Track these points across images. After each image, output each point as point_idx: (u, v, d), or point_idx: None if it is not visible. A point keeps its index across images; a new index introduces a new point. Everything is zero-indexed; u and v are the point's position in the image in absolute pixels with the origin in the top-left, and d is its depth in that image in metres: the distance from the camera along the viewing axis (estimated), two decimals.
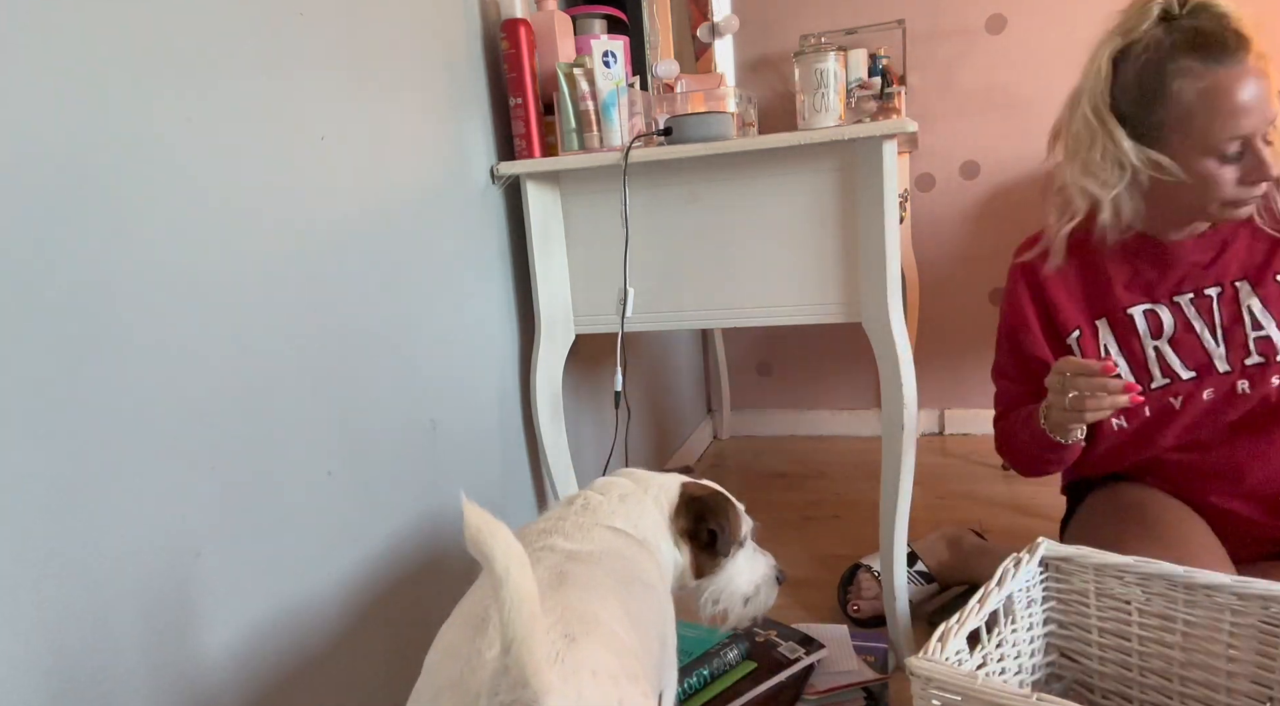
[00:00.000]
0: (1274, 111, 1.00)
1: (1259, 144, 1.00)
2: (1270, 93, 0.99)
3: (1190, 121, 1.02)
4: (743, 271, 1.32)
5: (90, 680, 0.68)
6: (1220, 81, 0.99)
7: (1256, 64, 0.99)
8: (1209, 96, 1.00)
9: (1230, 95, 0.99)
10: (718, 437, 2.78)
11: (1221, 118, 0.99)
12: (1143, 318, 1.15)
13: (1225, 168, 1.02)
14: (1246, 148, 1.01)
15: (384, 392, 1.06)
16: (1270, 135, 1.01)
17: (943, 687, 0.81)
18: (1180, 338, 1.13)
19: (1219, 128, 1.00)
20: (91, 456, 0.68)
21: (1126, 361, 1.16)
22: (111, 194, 0.71)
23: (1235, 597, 0.93)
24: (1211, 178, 1.03)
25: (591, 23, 1.52)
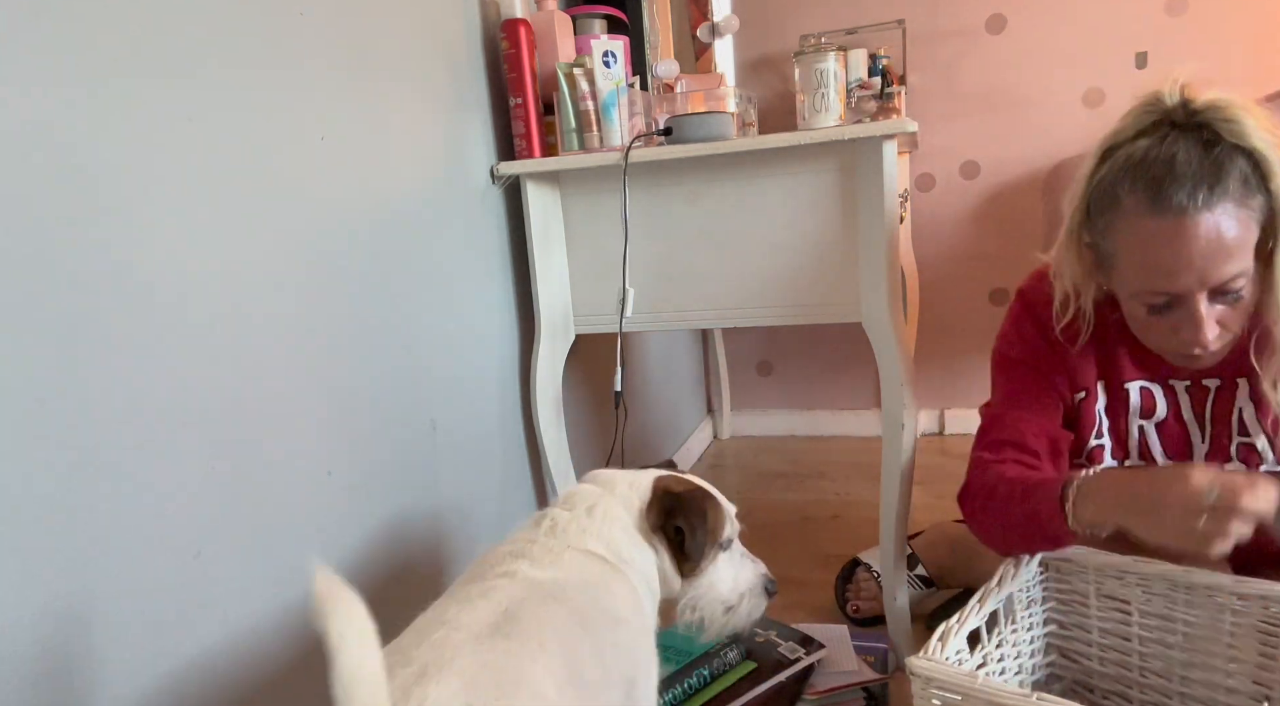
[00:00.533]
0: (1224, 272, 0.85)
1: (1195, 304, 0.87)
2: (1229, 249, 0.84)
3: (1120, 259, 0.92)
4: (743, 271, 1.32)
5: (90, 680, 0.68)
6: (1153, 231, 0.86)
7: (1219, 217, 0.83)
8: (1137, 243, 0.89)
9: (1158, 249, 0.86)
10: (718, 437, 2.78)
11: (1145, 270, 0.89)
12: (1138, 394, 1.06)
13: (1158, 320, 0.92)
14: (1178, 304, 0.89)
15: (384, 392, 1.06)
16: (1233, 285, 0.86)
17: (943, 687, 0.81)
18: (1169, 425, 1.05)
19: (1141, 278, 0.90)
20: (91, 456, 0.68)
21: (1110, 434, 1.08)
22: (111, 194, 0.71)
23: (1235, 598, 0.93)
24: (1143, 323, 0.95)
25: (591, 23, 1.52)
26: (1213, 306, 0.88)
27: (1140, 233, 0.88)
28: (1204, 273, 0.85)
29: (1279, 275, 0.87)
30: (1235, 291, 0.87)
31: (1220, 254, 0.84)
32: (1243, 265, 0.86)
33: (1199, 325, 0.88)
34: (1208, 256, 0.84)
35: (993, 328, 2.57)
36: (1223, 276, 0.85)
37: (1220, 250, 0.84)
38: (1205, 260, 0.85)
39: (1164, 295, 0.89)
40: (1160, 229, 0.86)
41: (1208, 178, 0.84)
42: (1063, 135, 2.30)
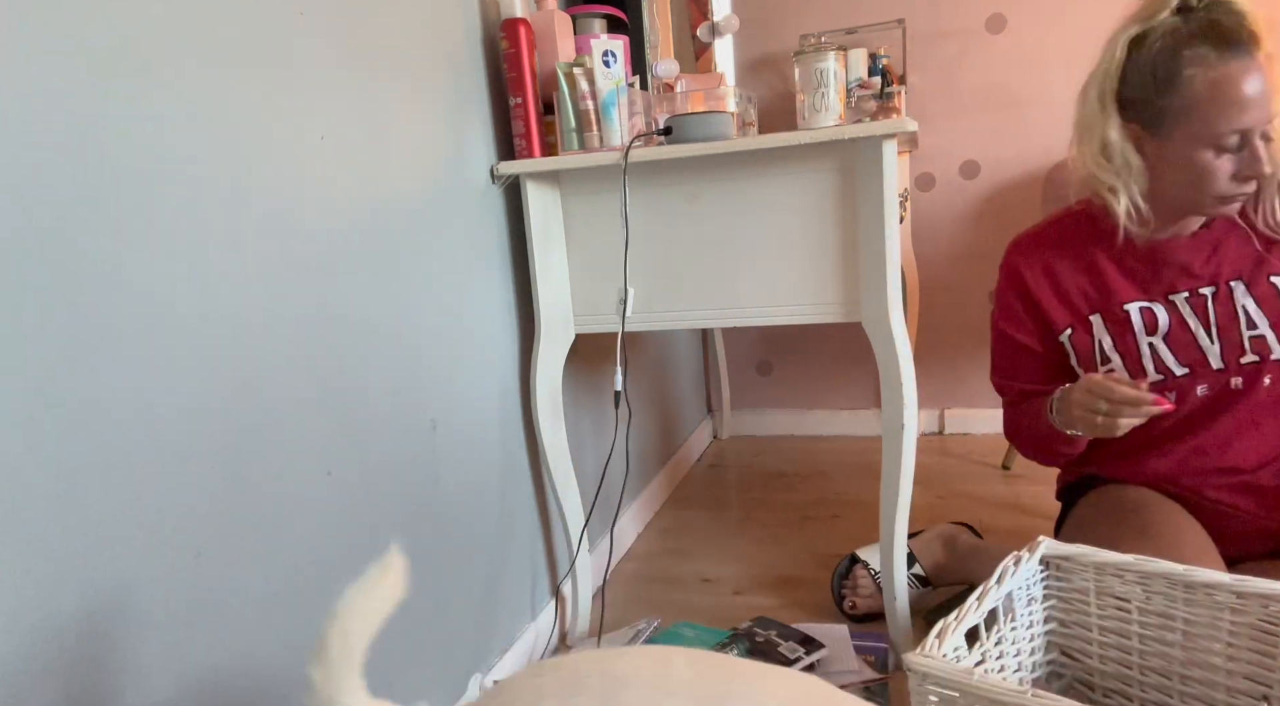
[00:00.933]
0: (1275, 110, 1.01)
1: (1257, 140, 1.02)
2: (1273, 91, 1.01)
3: (1195, 110, 1.03)
4: (743, 271, 1.32)
5: (90, 680, 0.68)
6: (1231, 73, 1.00)
7: (1265, 62, 1.01)
8: (1218, 86, 1.01)
9: (1238, 87, 1.00)
10: (718, 437, 2.78)
11: (1227, 108, 1.01)
12: (1139, 314, 1.16)
13: (1222, 160, 1.04)
14: (1245, 142, 1.03)
15: (384, 392, 1.06)
16: (1270, 133, 1.02)
17: (939, 684, 0.81)
18: (1175, 334, 1.14)
19: (1223, 118, 1.02)
20: (91, 456, 0.68)
21: (1121, 357, 1.17)
22: (111, 193, 0.71)
23: (1235, 596, 0.94)
24: (1208, 169, 1.05)
25: (591, 22, 1.52)
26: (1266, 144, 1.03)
27: (1222, 78, 1.01)
28: (1266, 107, 1.01)
29: None
30: (1270, 134, 1.03)
31: (1275, 93, 1.01)
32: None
33: (1260, 158, 1.03)
34: (1268, 94, 1.01)
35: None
36: (1274, 113, 1.02)
37: (1272, 89, 1.01)
38: (1266, 98, 1.01)
39: (1238, 133, 1.02)
40: (1239, 69, 1.00)
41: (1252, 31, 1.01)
42: (1063, 135, 2.29)
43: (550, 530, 1.54)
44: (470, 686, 1.22)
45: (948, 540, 1.52)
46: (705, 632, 1.32)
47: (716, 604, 1.61)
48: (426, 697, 1.12)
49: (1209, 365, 1.12)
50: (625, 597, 1.68)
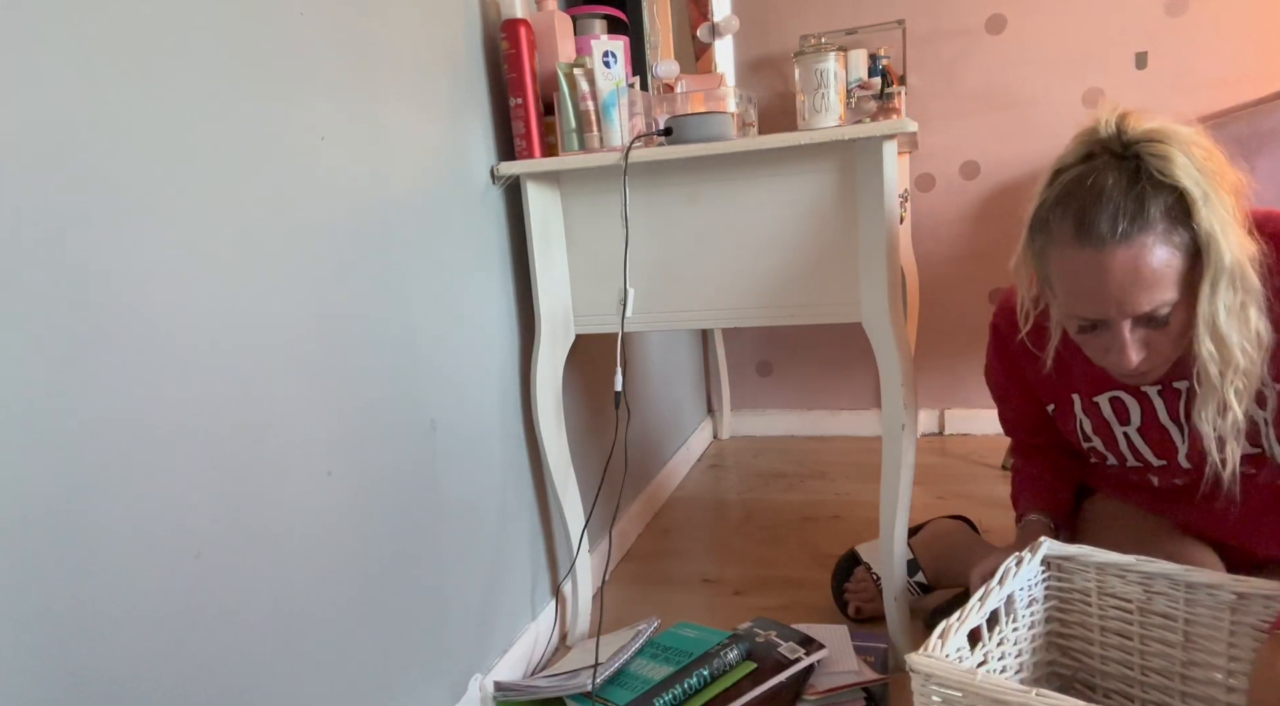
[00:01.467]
0: (1146, 302, 0.88)
1: (1121, 328, 0.91)
2: (1151, 280, 0.87)
3: (1052, 283, 0.96)
4: (743, 271, 1.32)
5: (89, 681, 0.68)
6: (1075, 260, 0.90)
7: (1140, 251, 0.86)
8: (1062, 269, 0.92)
9: (1079, 278, 0.90)
10: (718, 437, 2.78)
11: (1069, 295, 0.93)
12: (1108, 405, 1.11)
13: (1090, 339, 0.96)
14: (1105, 327, 0.93)
15: (384, 392, 1.06)
16: (1156, 314, 0.89)
17: (942, 684, 0.81)
18: (1148, 428, 1.10)
19: (1068, 302, 0.94)
20: (90, 456, 0.68)
21: (1101, 440, 1.15)
22: (110, 194, 0.71)
23: (1236, 596, 0.94)
24: (1082, 342, 0.98)
25: (591, 23, 1.52)
26: (1136, 332, 0.91)
27: (1065, 260, 0.91)
28: (1122, 303, 0.88)
29: (1201, 308, 0.88)
30: (1160, 319, 0.89)
31: (1138, 285, 0.87)
32: (1164, 296, 0.88)
33: (1123, 349, 0.91)
34: (1126, 288, 0.87)
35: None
36: (1141, 307, 0.88)
37: (1138, 282, 0.87)
38: (1124, 291, 0.87)
39: (1088, 320, 0.93)
40: (1082, 259, 0.89)
41: (1129, 211, 0.86)
42: (1063, 135, 2.28)
43: (550, 530, 1.54)
44: (470, 686, 1.22)
45: (947, 538, 1.52)
46: (705, 633, 1.32)
47: (716, 604, 1.61)
48: (426, 697, 1.12)
49: (1179, 462, 1.10)
50: (625, 598, 1.68)
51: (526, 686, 1.26)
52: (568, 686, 1.22)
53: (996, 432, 2.51)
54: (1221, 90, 2.17)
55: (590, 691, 1.20)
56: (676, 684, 1.17)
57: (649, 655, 1.29)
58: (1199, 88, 2.18)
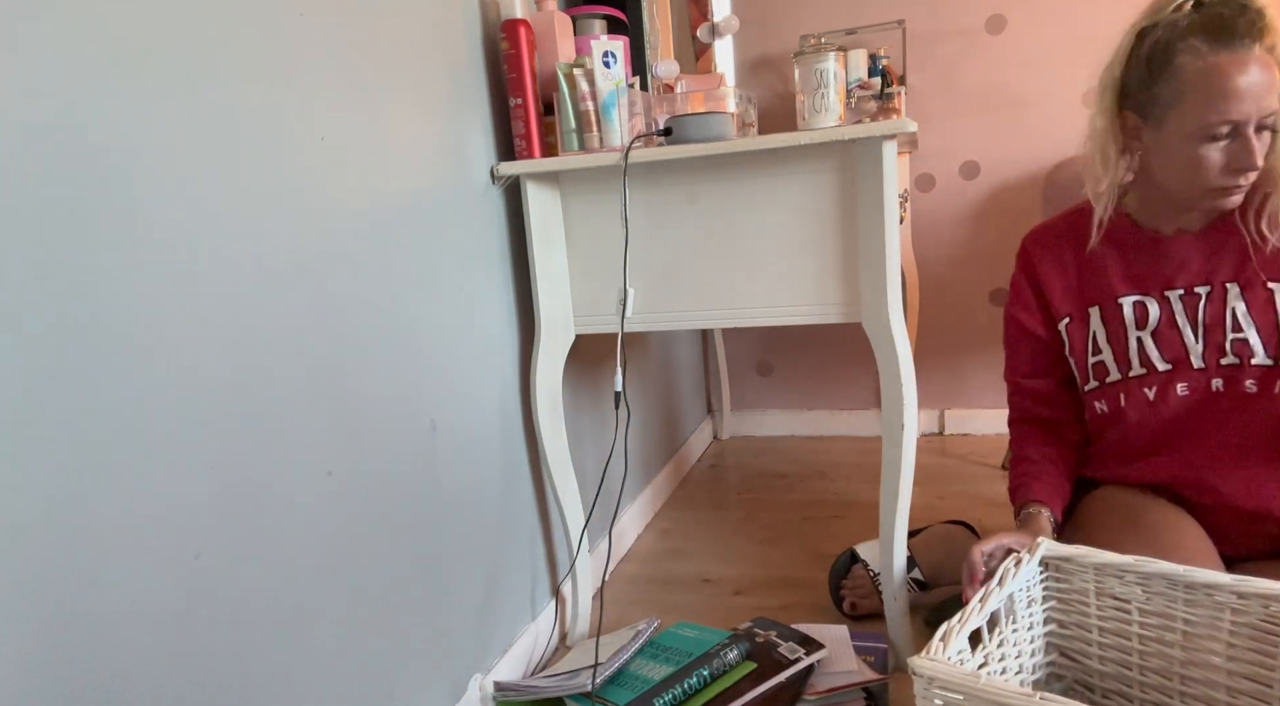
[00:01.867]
0: (1271, 105, 1.01)
1: (1249, 131, 1.02)
2: (1272, 85, 1.01)
3: (1184, 99, 1.04)
4: (743, 271, 1.32)
5: (89, 681, 0.68)
6: (1220, 64, 1.01)
7: (1264, 55, 1.01)
8: (1206, 77, 1.02)
9: (1227, 78, 1.01)
10: (718, 437, 2.78)
11: (1214, 99, 1.02)
12: (1131, 308, 1.18)
13: (1212, 151, 1.05)
14: (1236, 133, 1.03)
15: (384, 393, 1.06)
16: (1270, 124, 1.02)
17: (946, 687, 0.81)
18: (1162, 331, 1.16)
19: (1211, 108, 1.02)
20: (90, 456, 0.68)
21: (1110, 348, 1.20)
22: (111, 194, 0.71)
23: (1235, 596, 0.94)
24: (1199, 161, 1.06)
25: (591, 23, 1.52)
26: (1260, 136, 1.03)
27: (1207, 70, 1.02)
28: (1260, 100, 1.01)
29: None
30: (1269, 126, 1.03)
31: (1269, 86, 1.01)
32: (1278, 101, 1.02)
33: (1252, 151, 1.03)
34: (1262, 86, 1.01)
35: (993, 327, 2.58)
36: (1272, 106, 1.02)
37: (1270, 84, 1.01)
38: (1260, 90, 1.01)
39: (1228, 123, 1.02)
40: (1229, 60, 1.01)
41: (1254, 25, 1.01)
42: (1063, 135, 2.30)
43: (550, 530, 1.54)
44: (470, 686, 1.22)
45: (946, 540, 1.52)
46: (705, 633, 1.32)
47: (716, 604, 1.61)
48: (426, 697, 1.12)
49: (1190, 364, 1.14)
50: (625, 598, 1.68)
51: (526, 686, 1.26)
52: (568, 686, 1.22)
53: (996, 433, 2.51)
54: None
55: (590, 691, 1.21)
56: (676, 684, 1.17)
57: (649, 655, 1.29)
58: None
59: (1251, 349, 1.10)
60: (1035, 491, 1.24)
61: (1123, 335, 1.18)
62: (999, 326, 2.47)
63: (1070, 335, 1.24)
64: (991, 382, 2.52)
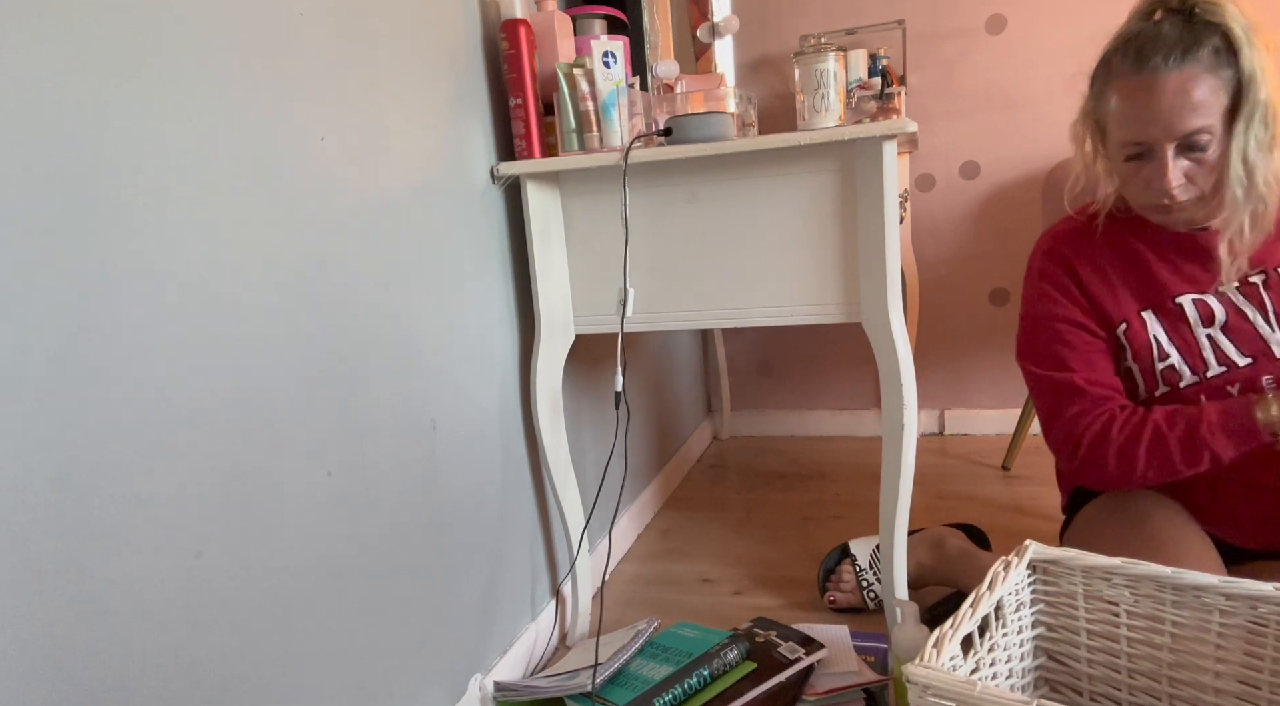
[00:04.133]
0: (1188, 125, 1.00)
1: (1165, 153, 1.02)
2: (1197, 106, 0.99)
3: (1109, 118, 1.07)
4: (743, 271, 1.32)
5: (89, 681, 0.68)
6: (1130, 84, 1.03)
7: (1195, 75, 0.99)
8: (1120, 96, 1.05)
9: (1133, 98, 1.03)
10: (718, 438, 2.78)
11: (1125, 119, 1.04)
12: (1192, 306, 1.13)
13: (1136, 171, 1.07)
14: (1150, 154, 1.04)
15: (384, 393, 1.06)
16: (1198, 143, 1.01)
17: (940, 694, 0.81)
18: (1233, 324, 1.11)
19: (1122, 128, 1.05)
20: (91, 456, 0.69)
21: (1179, 351, 1.13)
22: (110, 194, 0.71)
23: (1223, 598, 0.94)
24: (1125, 178, 1.09)
25: (591, 23, 1.52)
26: (1178, 160, 1.03)
27: (1123, 89, 1.04)
28: (1170, 123, 1.00)
29: (1234, 141, 1.01)
30: (1200, 146, 1.01)
31: (1185, 108, 0.99)
32: (1206, 121, 1.00)
33: (1164, 172, 1.03)
34: (1174, 109, 1.00)
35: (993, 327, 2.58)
36: (1186, 128, 1.00)
37: (1185, 105, 0.99)
38: (1172, 113, 1.00)
39: (1139, 145, 1.04)
40: (1139, 84, 1.02)
41: (1182, 44, 1.00)
42: (1063, 135, 2.30)
43: (550, 530, 1.54)
44: (470, 686, 1.23)
45: (935, 543, 1.51)
46: (705, 633, 1.32)
47: (716, 604, 1.61)
48: (426, 697, 1.12)
49: (1273, 354, 1.09)
50: (625, 598, 1.68)
51: (526, 686, 1.26)
52: (568, 686, 1.23)
53: (997, 433, 2.52)
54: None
55: (590, 691, 1.21)
56: (676, 684, 1.18)
57: (649, 655, 1.29)
58: None
59: None
60: None
61: (1189, 335, 1.13)
62: (999, 326, 2.47)
63: (1132, 342, 1.15)
64: (991, 383, 2.52)
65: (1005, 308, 2.46)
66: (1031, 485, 2.10)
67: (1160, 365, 1.15)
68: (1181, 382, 1.14)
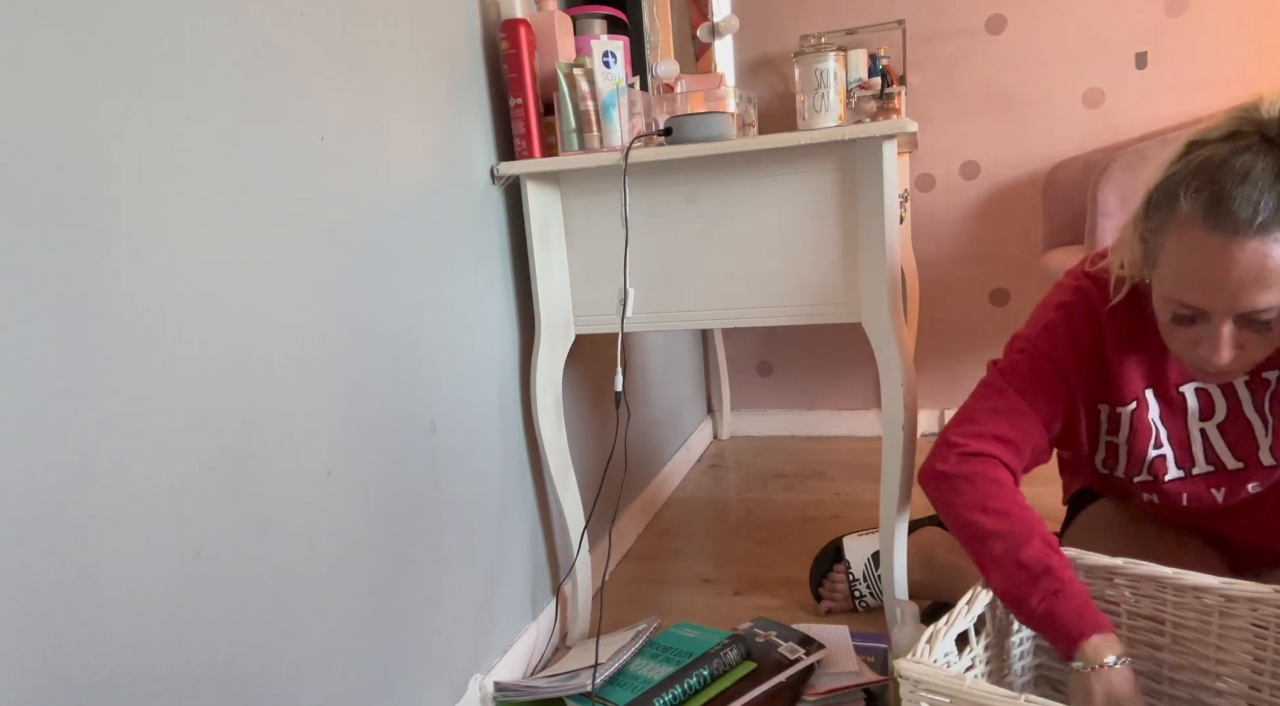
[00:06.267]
0: (1258, 302, 0.82)
1: (1221, 325, 0.86)
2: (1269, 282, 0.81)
3: (1161, 261, 0.89)
4: (743, 271, 1.32)
5: (88, 681, 0.68)
6: (1199, 242, 0.84)
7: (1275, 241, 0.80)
8: (1180, 249, 0.86)
9: (1197, 260, 0.84)
10: (718, 438, 2.78)
11: (1183, 278, 0.86)
12: (1194, 396, 1.03)
13: (1181, 329, 0.91)
14: (1204, 319, 0.88)
15: (384, 393, 1.06)
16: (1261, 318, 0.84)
17: (931, 690, 0.81)
18: (1230, 424, 1.02)
19: (1178, 287, 0.87)
20: (91, 456, 0.69)
21: (1169, 442, 1.05)
22: (109, 195, 0.71)
23: (1223, 599, 0.94)
24: (1166, 328, 0.93)
25: (591, 23, 1.52)
26: (1238, 330, 0.87)
27: (1187, 241, 0.85)
28: (1236, 298, 0.83)
29: None
30: (1264, 323, 0.85)
31: (1259, 284, 0.82)
32: (1277, 298, 0.82)
33: (1217, 347, 0.87)
34: (1246, 284, 0.82)
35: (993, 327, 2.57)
36: (1255, 305, 0.83)
37: (1260, 280, 0.81)
38: (1242, 287, 0.82)
39: (1192, 309, 0.87)
40: (1208, 243, 0.83)
41: (1273, 202, 0.80)
42: (1063, 135, 2.30)
43: (550, 530, 1.54)
44: (470, 686, 1.23)
45: (924, 557, 1.45)
46: (705, 633, 1.32)
47: (716, 604, 1.61)
48: (426, 697, 1.12)
49: (1260, 462, 1.02)
50: (625, 598, 1.68)
51: (526, 686, 1.26)
52: (568, 686, 1.23)
53: None
54: (1221, 90, 2.17)
55: (590, 691, 1.21)
56: (676, 684, 1.18)
57: (649, 655, 1.29)
58: (1199, 88, 2.18)
59: None
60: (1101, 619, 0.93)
61: (1183, 428, 1.04)
62: (999, 326, 2.47)
63: (1136, 422, 1.05)
64: None
65: (1005, 308, 2.46)
66: (1032, 485, 2.09)
67: (1153, 453, 1.06)
68: (1166, 476, 1.07)
